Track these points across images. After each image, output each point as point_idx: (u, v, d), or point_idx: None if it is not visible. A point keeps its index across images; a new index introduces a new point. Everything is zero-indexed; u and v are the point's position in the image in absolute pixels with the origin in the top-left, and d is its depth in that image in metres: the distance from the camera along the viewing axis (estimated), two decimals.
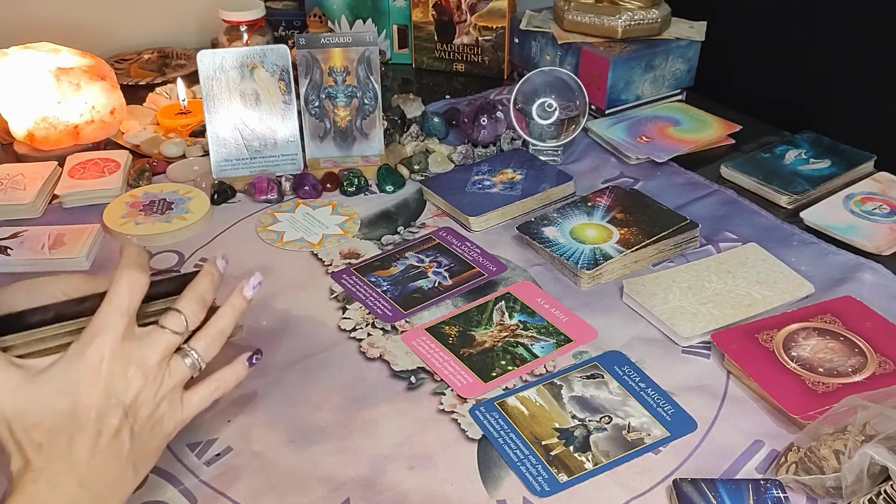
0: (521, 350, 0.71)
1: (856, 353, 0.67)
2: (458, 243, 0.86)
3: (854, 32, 1.03)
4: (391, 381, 0.68)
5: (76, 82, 0.99)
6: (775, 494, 0.56)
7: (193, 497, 0.58)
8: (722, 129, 1.06)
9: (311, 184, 0.94)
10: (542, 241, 0.83)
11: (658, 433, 0.62)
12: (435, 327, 0.74)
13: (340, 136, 0.98)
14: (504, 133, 1.02)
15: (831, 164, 0.96)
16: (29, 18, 1.20)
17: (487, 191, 0.92)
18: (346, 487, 0.58)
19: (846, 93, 1.06)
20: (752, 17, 1.15)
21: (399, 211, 0.92)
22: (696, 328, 0.72)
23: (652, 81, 1.10)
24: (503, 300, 0.77)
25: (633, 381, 0.67)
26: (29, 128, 0.99)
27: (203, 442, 0.62)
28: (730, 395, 0.66)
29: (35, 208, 0.90)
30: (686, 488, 0.56)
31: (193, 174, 0.97)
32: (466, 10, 1.22)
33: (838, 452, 0.55)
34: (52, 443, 0.47)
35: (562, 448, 0.61)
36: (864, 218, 0.87)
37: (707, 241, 0.85)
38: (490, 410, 0.65)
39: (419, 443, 0.62)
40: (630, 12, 1.08)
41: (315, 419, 0.64)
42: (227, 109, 0.93)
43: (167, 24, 1.32)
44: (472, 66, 1.26)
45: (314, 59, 0.95)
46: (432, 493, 0.58)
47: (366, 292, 0.78)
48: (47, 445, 0.47)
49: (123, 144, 1.03)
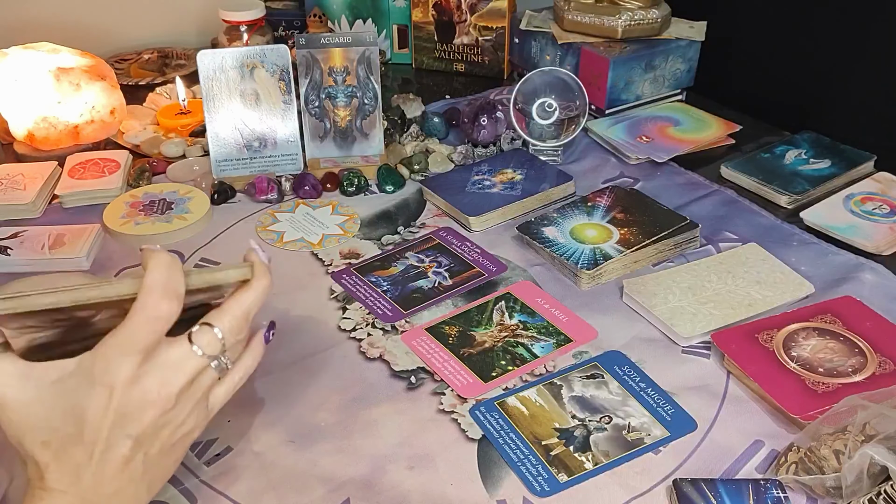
0: (521, 350, 0.71)
1: (856, 353, 0.67)
2: (458, 243, 0.86)
3: (854, 33, 1.03)
4: (391, 381, 0.68)
5: (76, 82, 0.99)
6: (775, 494, 0.56)
7: (193, 497, 0.58)
8: (722, 129, 1.06)
9: (311, 184, 0.94)
10: (542, 241, 0.83)
11: (658, 433, 0.62)
12: (435, 327, 0.74)
13: (340, 136, 0.98)
14: (504, 133, 1.02)
15: (831, 164, 0.96)
16: (29, 18, 1.20)
17: (487, 191, 0.92)
18: (346, 487, 0.58)
19: (846, 93, 1.06)
20: (752, 17, 1.15)
21: (399, 211, 0.92)
22: (696, 328, 0.72)
23: (652, 81, 1.10)
24: (503, 300, 0.77)
25: (633, 381, 0.67)
26: (29, 128, 0.99)
27: (203, 442, 0.62)
28: (730, 395, 0.66)
29: (35, 208, 0.90)
30: (686, 488, 0.56)
31: (193, 174, 0.97)
32: (466, 10, 1.22)
33: (838, 452, 0.55)
34: (60, 465, 0.45)
35: (562, 448, 0.61)
36: (864, 218, 0.87)
37: (707, 241, 0.85)
38: (490, 410, 0.65)
39: (419, 443, 0.62)
40: (630, 12, 1.08)
41: (315, 419, 0.64)
42: (227, 109, 0.93)
43: (167, 24, 1.32)
44: (472, 66, 1.26)
45: (314, 59, 0.95)
46: (432, 493, 0.58)
47: (366, 292, 0.78)
48: (55, 467, 0.45)
49: (123, 144, 1.03)
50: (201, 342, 0.47)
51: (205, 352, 0.47)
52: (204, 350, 0.47)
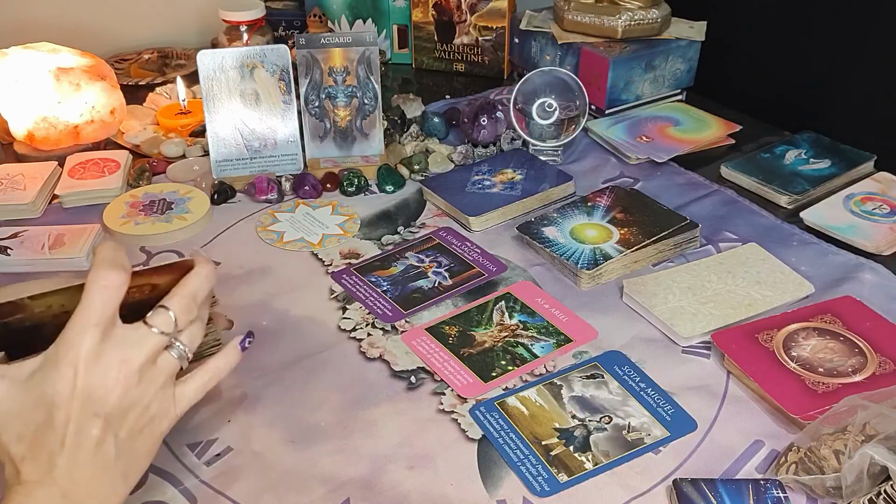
0: (521, 350, 0.71)
1: (856, 353, 0.67)
2: (458, 243, 0.86)
3: (854, 33, 1.03)
4: (391, 381, 0.68)
5: (76, 82, 0.99)
6: (775, 494, 0.56)
7: (193, 497, 0.58)
8: (722, 129, 1.06)
9: (311, 184, 0.94)
10: (542, 241, 0.83)
11: (658, 433, 0.62)
12: (435, 327, 0.74)
13: (340, 136, 0.98)
14: (504, 133, 1.02)
15: (831, 164, 0.96)
16: (29, 18, 1.20)
17: (487, 191, 0.92)
18: (346, 487, 0.58)
19: (846, 93, 1.06)
20: (752, 17, 1.15)
21: (399, 211, 0.92)
22: (696, 328, 0.72)
23: (652, 81, 1.10)
24: (503, 300, 0.77)
25: (633, 381, 0.67)
26: (29, 128, 0.99)
27: (203, 442, 0.62)
28: (730, 395, 0.66)
29: (35, 208, 0.90)
30: (686, 488, 0.56)
31: (193, 174, 0.97)
32: (466, 10, 1.22)
33: (838, 452, 0.55)
34: (34, 455, 0.47)
35: (562, 448, 0.61)
36: (864, 218, 0.87)
37: (707, 241, 0.85)
38: (490, 410, 0.65)
39: (419, 443, 0.62)
40: (630, 12, 1.08)
41: (315, 419, 0.64)
42: (227, 109, 0.93)
43: (167, 24, 1.32)
44: (472, 66, 1.26)
45: (314, 59, 0.95)
46: (432, 493, 0.58)
47: (366, 292, 0.78)
48: (30, 458, 0.47)
49: (123, 144, 1.03)
50: (156, 321, 0.50)
51: (160, 329, 0.50)
52: (159, 328, 0.50)
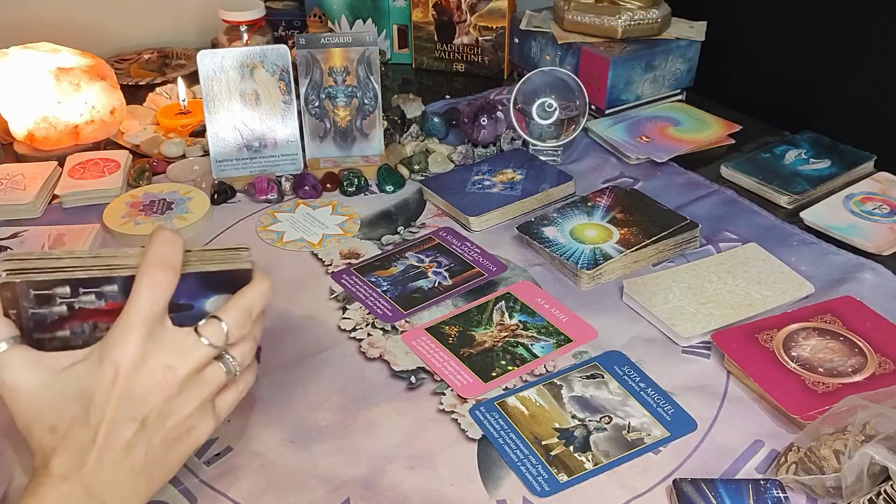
0: (521, 350, 0.71)
1: (856, 353, 0.67)
2: (458, 243, 0.86)
3: (854, 33, 1.03)
4: (391, 381, 0.68)
5: (76, 82, 0.99)
6: (775, 494, 0.56)
7: (193, 497, 0.58)
8: (722, 129, 1.06)
9: (311, 184, 0.94)
10: (542, 241, 0.83)
11: (658, 433, 0.62)
12: (435, 327, 0.74)
13: (340, 136, 0.98)
14: (504, 133, 1.02)
15: (831, 164, 0.96)
16: (29, 18, 1.20)
17: (487, 191, 0.92)
18: (346, 487, 0.58)
19: (846, 93, 1.06)
20: (752, 17, 1.15)
21: (399, 211, 0.92)
22: (696, 328, 0.72)
23: (652, 81, 1.10)
24: (503, 300, 0.77)
25: (633, 381, 0.67)
26: (29, 128, 0.99)
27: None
28: (730, 395, 0.66)
29: (35, 208, 0.90)
30: (686, 488, 0.56)
31: (193, 174, 0.97)
32: (466, 10, 1.22)
33: (838, 452, 0.55)
34: (66, 449, 0.47)
35: (562, 448, 0.61)
36: (864, 218, 0.87)
37: (707, 241, 0.85)
38: (490, 410, 0.65)
39: (419, 443, 0.62)
40: (630, 12, 1.08)
41: (315, 419, 0.64)
42: (227, 109, 0.93)
43: (167, 24, 1.32)
44: (472, 66, 1.26)
45: (314, 59, 0.95)
46: (432, 493, 0.58)
47: (366, 292, 0.78)
48: (61, 451, 0.47)
49: (123, 144, 1.03)
50: (207, 332, 0.49)
51: (210, 341, 0.49)
52: (209, 340, 0.49)
